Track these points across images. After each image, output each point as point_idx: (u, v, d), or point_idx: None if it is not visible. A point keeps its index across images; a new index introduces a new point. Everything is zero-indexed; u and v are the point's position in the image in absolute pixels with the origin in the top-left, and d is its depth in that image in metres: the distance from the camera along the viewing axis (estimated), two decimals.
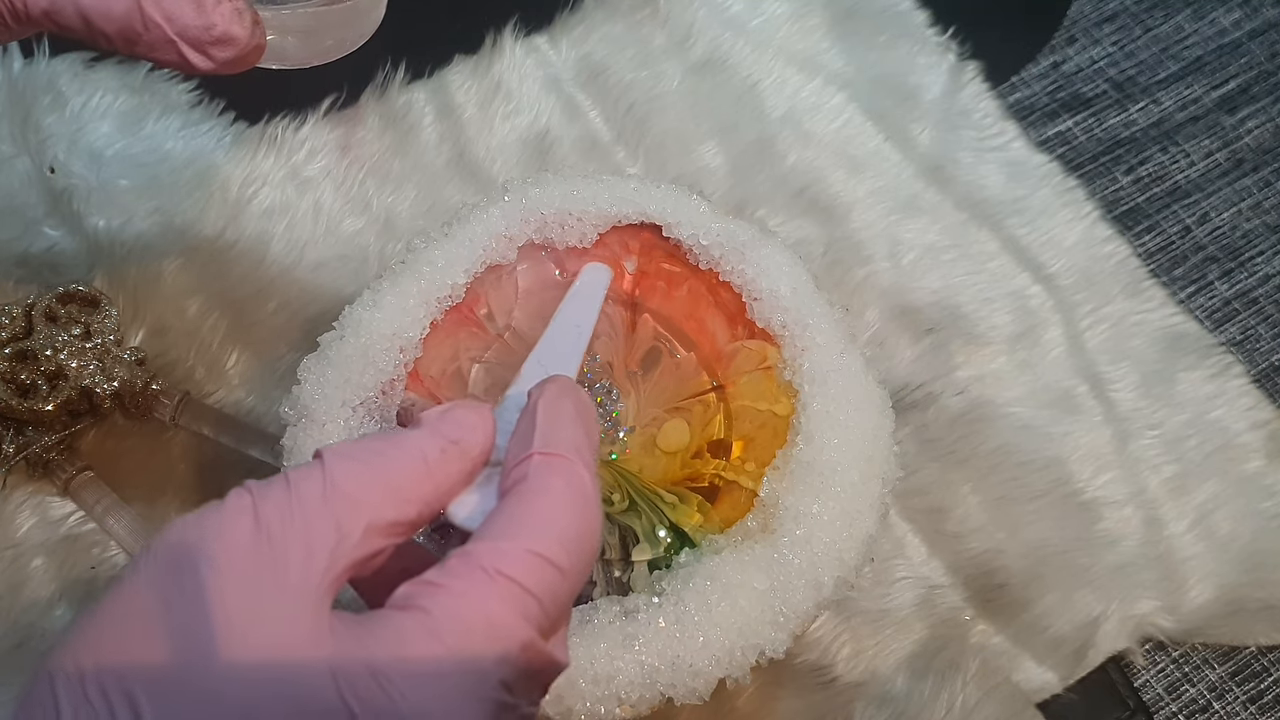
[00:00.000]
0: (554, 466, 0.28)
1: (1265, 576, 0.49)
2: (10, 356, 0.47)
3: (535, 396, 0.30)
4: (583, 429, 0.29)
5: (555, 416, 0.29)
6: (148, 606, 0.24)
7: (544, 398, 0.30)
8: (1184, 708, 0.48)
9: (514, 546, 0.26)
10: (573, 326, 0.38)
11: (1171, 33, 0.62)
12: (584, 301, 0.40)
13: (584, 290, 0.41)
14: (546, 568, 0.26)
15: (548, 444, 0.28)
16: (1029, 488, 0.50)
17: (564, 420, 0.29)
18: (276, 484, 0.26)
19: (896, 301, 0.53)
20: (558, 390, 0.30)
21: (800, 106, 0.58)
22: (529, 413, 0.29)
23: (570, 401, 0.30)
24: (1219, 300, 0.56)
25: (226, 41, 0.34)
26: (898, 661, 0.47)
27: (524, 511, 0.27)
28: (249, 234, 0.53)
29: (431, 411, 0.29)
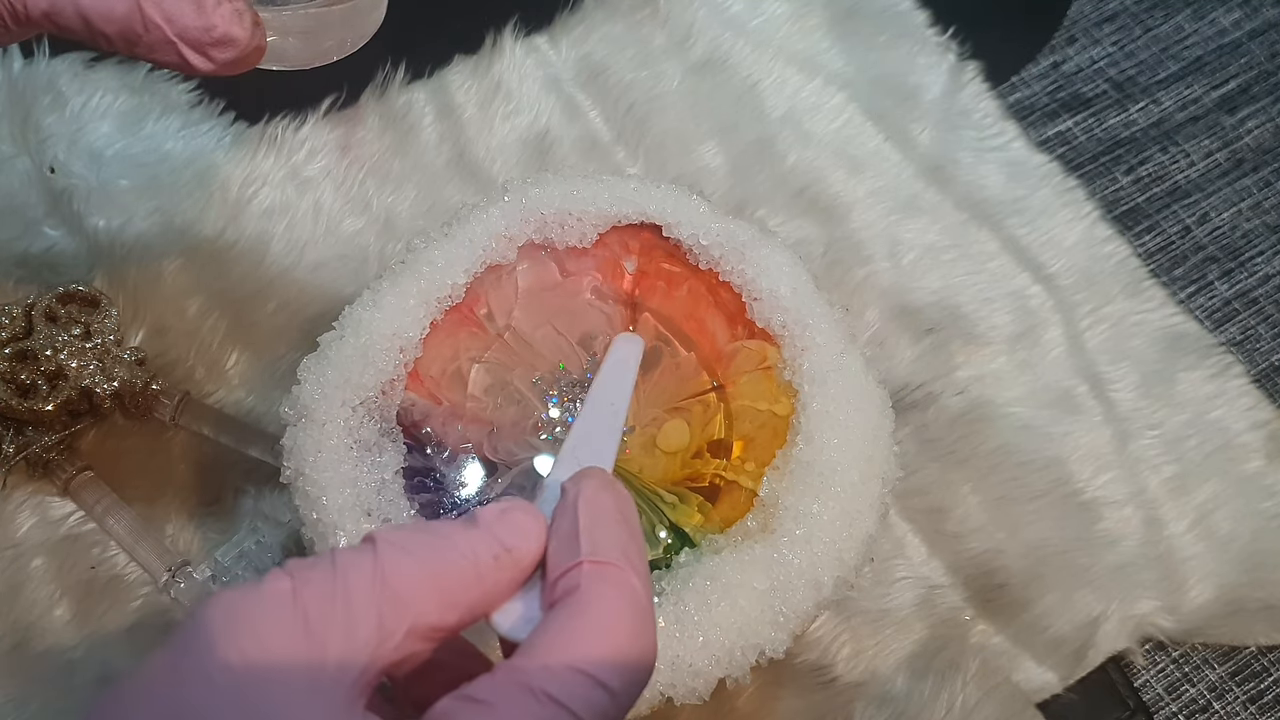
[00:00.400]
0: (606, 576, 0.26)
1: (1265, 576, 0.49)
2: (10, 356, 0.47)
3: (573, 493, 0.28)
4: (628, 530, 0.28)
5: (599, 517, 0.28)
6: (175, 692, 0.23)
7: (583, 495, 0.28)
8: (1184, 708, 0.48)
9: (564, 665, 0.25)
10: (607, 406, 0.36)
11: (1171, 33, 0.62)
12: (618, 379, 0.38)
13: (616, 365, 0.39)
14: (596, 690, 0.25)
15: (596, 550, 0.27)
16: (1029, 488, 0.50)
17: (609, 521, 0.28)
18: (322, 567, 0.25)
19: (896, 301, 0.53)
20: (596, 486, 0.29)
21: (800, 106, 0.58)
22: (568, 511, 0.28)
23: (610, 498, 0.28)
24: (1219, 300, 0.56)
25: (227, 43, 0.34)
26: (898, 661, 0.47)
27: (575, 626, 0.25)
28: (249, 234, 0.53)
29: (489, 511, 0.27)
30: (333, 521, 0.37)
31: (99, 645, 0.46)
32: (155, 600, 0.47)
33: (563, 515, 0.28)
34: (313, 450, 0.38)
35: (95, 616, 0.46)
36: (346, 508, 0.37)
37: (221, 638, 0.24)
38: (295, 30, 0.38)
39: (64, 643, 0.46)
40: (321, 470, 0.38)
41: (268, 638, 0.24)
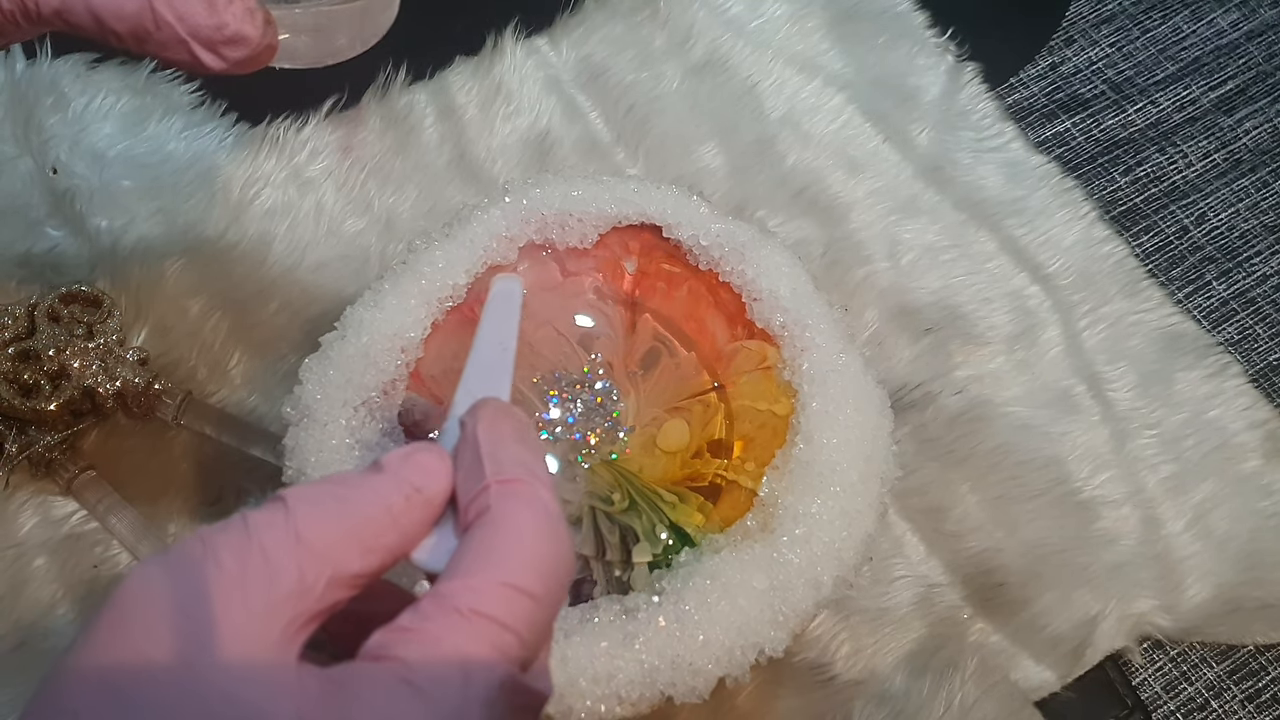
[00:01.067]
0: (513, 492, 0.27)
1: (1263, 575, 0.49)
2: (13, 356, 0.47)
3: (470, 424, 0.29)
4: (528, 447, 0.28)
5: (498, 440, 0.28)
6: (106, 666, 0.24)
7: (481, 423, 0.28)
8: (1181, 706, 0.48)
9: (486, 582, 0.25)
10: (496, 345, 0.36)
11: (1169, 34, 0.62)
12: (501, 318, 0.38)
13: (498, 306, 0.39)
14: (521, 599, 0.25)
15: (500, 470, 0.27)
16: (1027, 487, 0.50)
17: (508, 441, 0.28)
18: (234, 530, 0.25)
19: (895, 301, 0.54)
20: (492, 413, 0.29)
21: (800, 107, 0.58)
22: (469, 442, 0.28)
23: (507, 422, 0.29)
24: (1216, 300, 0.56)
25: (238, 41, 0.34)
26: (896, 660, 0.47)
27: (491, 544, 0.26)
28: (251, 234, 0.53)
29: (394, 456, 0.28)
30: None
31: None
32: None
33: (464, 446, 0.28)
34: (314, 450, 0.38)
35: None
36: None
37: (145, 607, 0.24)
38: (307, 28, 0.38)
39: (66, 642, 0.46)
40: (323, 470, 0.38)
41: (190, 594, 0.24)
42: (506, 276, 0.40)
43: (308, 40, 0.38)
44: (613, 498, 0.41)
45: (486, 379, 0.34)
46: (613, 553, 0.39)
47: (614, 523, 0.40)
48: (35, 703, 0.25)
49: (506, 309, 0.38)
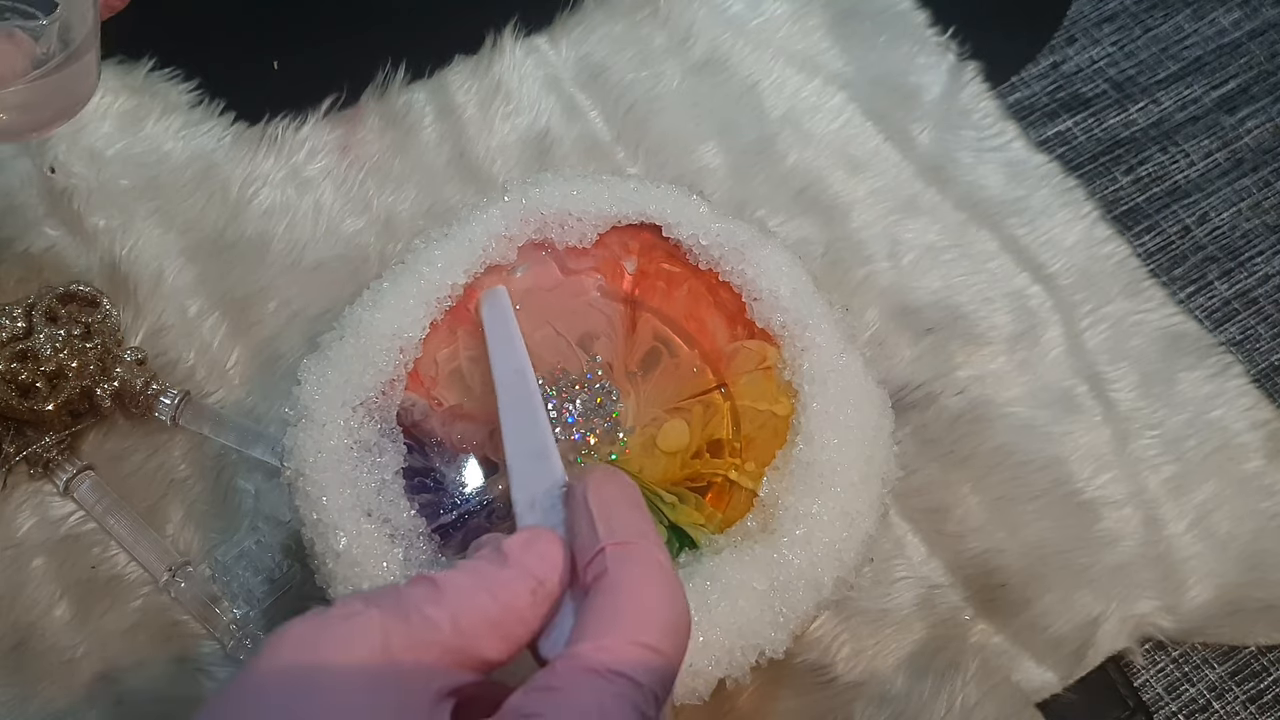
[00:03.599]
0: (629, 554, 0.28)
1: (1265, 576, 0.49)
2: (11, 356, 0.47)
3: (579, 491, 0.30)
4: (639, 511, 0.30)
5: (608, 505, 0.30)
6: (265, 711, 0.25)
7: (590, 490, 0.30)
8: (1184, 707, 0.48)
9: (618, 642, 0.26)
10: (513, 376, 0.38)
11: (1171, 33, 0.62)
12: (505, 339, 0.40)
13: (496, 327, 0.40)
14: (652, 656, 0.27)
15: (614, 534, 0.29)
16: (1029, 487, 0.50)
17: (618, 506, 0.30)
18: (388, 602, 0.27)
19: (896, 301, 0.54)
20: (600, 479, 0.31)
21: (800, 106, 0.58)
22: (580, 508, 0.30)
23: (614, 486, 0.30)
24: (1218, 300, 0.56)
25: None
26: (897, 661, 0.47)
27: (616, 606, 0.27)
28: (249, 234, 0.53)
29: (515, 545, 0.29)
30: (333, 521, 0.37)
31: (99, 645, 0.46)
32: (156, 600, 0.47)
33: (576, 513, 0.30)
34: (313, 450, 0.38)
35: (95, 616, 0.46)
36: (347, 508, 0.37)
37: (312, 657, 0.25)
38: (12, 106, 0.38)
39: (64, 642, 0.46)
40: (322, 470, 0.38)
41: (351, 653, 0.25)
42: (489, 292, 0.41)
43: (16, 116, 0.39)
44: None
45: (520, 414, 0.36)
46: None
47: None
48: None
49: (503, 327, 0.39)
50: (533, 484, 0.34)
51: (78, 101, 0.41)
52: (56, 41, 0.39)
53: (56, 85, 0.39)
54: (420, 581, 0.28)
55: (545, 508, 0.33)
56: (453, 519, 0.39)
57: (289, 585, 0.47)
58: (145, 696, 0.45)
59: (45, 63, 0.38)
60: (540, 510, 0.33)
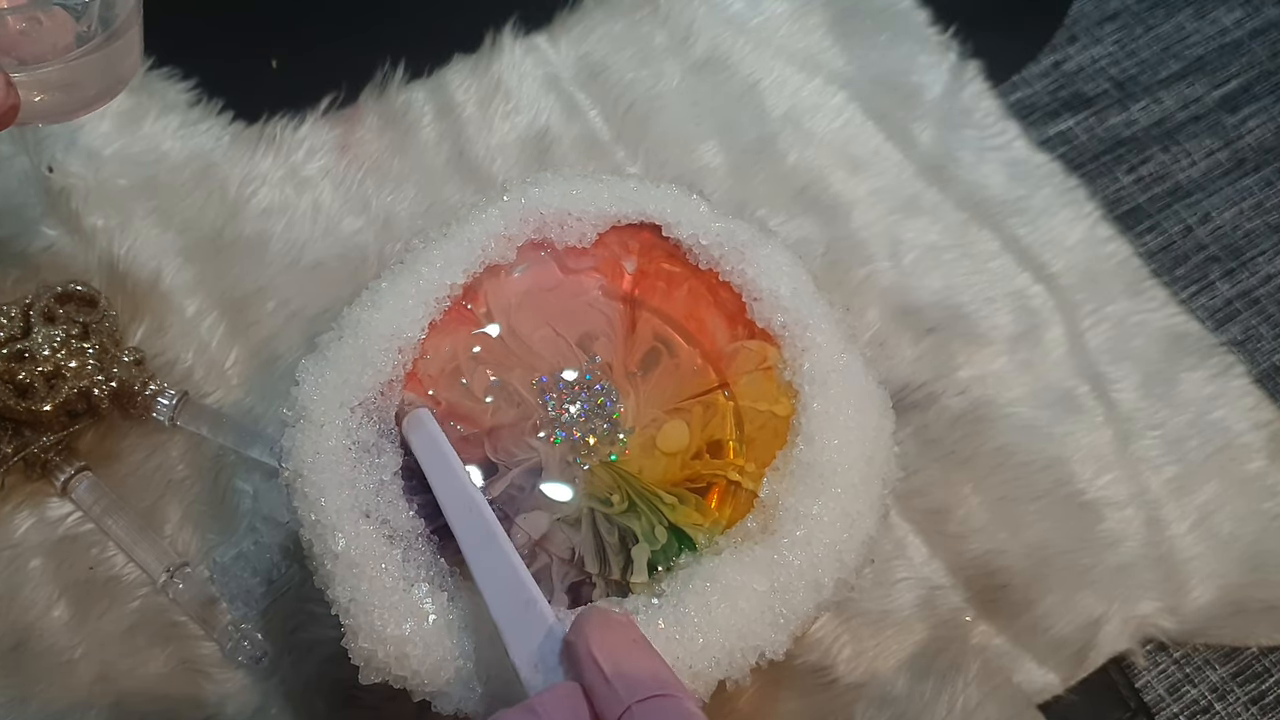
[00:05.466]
0: (658, 708, 0.27)
1: (1267, 577, 0.49)
2: (8, 356, 0.47)
3: (581, 648, 0.29)
4: (647, 652, 0.29)
5: (616, 656, 0.29)
6: None
7: (592, 644, 0.29)
8: (1185, 709, 0.48)
9: None
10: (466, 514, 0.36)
11: (1173, 32, 0.61)
12: (440, 463, 0.38)
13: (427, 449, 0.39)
14: None
15: (634, 689, 0.28)
16: (1030, 488, 0.50)
17: (627, 655, 0.29)
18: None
19: (897, 301, 0.53)
20: (597, 628, 0.29)
21: (800, 106, 0.58)
22: (589, 666, 0.29)
23: (614, 632, 0.29)
24: (1221, 300, 0.55)
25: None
26: (899, 662, 0.47)
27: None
28: (247, 233, 0.53)
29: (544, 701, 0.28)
30: (331, 522, 0.37)
31: (97, 645, 0.46)
32: (154, 601, 0.46)
33: (587, 671, 0.29)
34: (311, 451, 0.38)
35: (93, 617, 0.46)
36: (345, 508, 0.37)
37: None
38: (55, 85, 0.38)
39: (62, 643, 0.46)
40: (320, 471, 0.38)
41: None
42: (412, 416, 0.40)
43: (59, 96, 0.39)
44: (612, 499, 0.40)
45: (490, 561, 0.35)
46: (612, 554, 0.39)
47: (613, 524, 0.40)
48: None
49: (438, 458, 0.38)
50: (528, 638, 0.33)
51: (120, 80, 0.41)
52: (98, 20, 0.38)
53: (99, 63, 0.39)
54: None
55: (550, 666, 0.32)
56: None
57: (287, 586, 0.47)
58: (143, 697, 0.45)
59: (87, 40, 0.38)
60: (545, 670, 0.32)
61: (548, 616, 0.33)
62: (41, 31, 0.37)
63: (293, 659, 0.46)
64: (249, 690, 0.45)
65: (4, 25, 0.36)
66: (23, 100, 0.36)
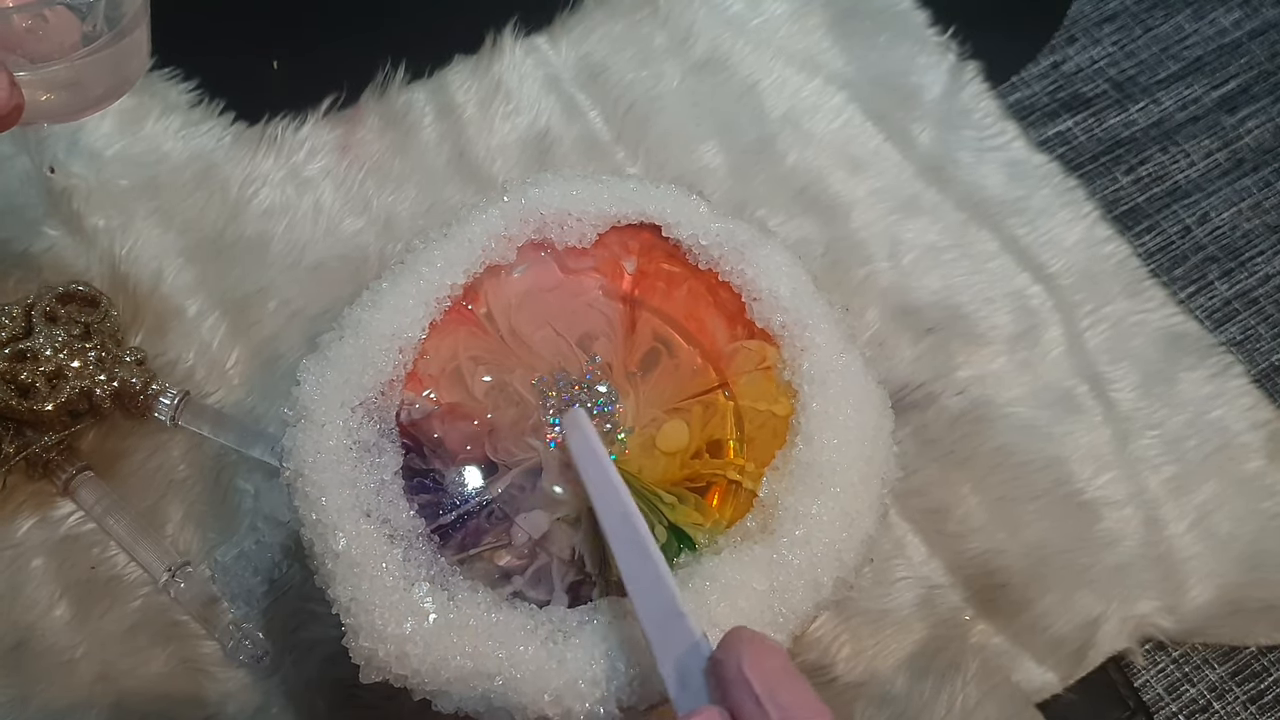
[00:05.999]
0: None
1: (1266, 576, 0.49)
2: (10, 356, 0.47)
3: (734, 663, 0.29)
4: (801, 681, 0.28)
5: (771, 681, 0.28)
6: None
7: (746, 666, 0.28)
8: (1184, 708, 0.48)
9: None
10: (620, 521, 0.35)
11: (1172, 32, 0.61)
12: (601, 477, 0.37)
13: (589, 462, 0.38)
14: None
15: (789, 715, 0.27)
16: (1029, 488, 0.50)
17: (782, 682, 0.28)
18: None
19: (896, 301, 0.53)
20: (754, 649, 0.29)
21: (800, 106, 0.58)
22: (742, 688, 0.28)
23: (770, 657, 0.29)
24: (1219, 300, 0.56)
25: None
26: (898, 662, 0.47)
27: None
28: (249, 234, 0.53)
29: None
30: (332, 522, 0.37)
31: (99, 645, 0.46)
32: (155, 600, 0.47)
33: (739, 692, 0.28)
34: (312, 451, 0.38)
35: (95, 616, 0.46)
36: (346, 508, 0.37)
37: None
38: (61, 84, 0.38)
39: (64, 642, 0.46)
40: (321, 471, 0.38)
41: None
42: (571, 415, 0.40)
43: (66, 95, 0.39)
44: None
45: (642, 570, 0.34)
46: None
47: None
48: None
49: (595, 462, 0.37)
50: (675, 650, 0.32)
51: (126, 80, 0.41)
52: (104, 19, 0.38)
53: (105, 63, 0.39)
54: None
55: (698, 686, 0.31)
56: (452, 519, 0.39)
57: (288, 586, 0.47)
58: (144, 696, 0.45)
59: (94, 40, 0.38)
60: (693, 690, 0.31)
61: (695, 631, 0.32)
62: (48, 30, 0.37)
63: (294, 658, 0.46)
64: (250, 689, 0.45)
65: (10, 23, 0.36)
66: (28, 100, 0.36)
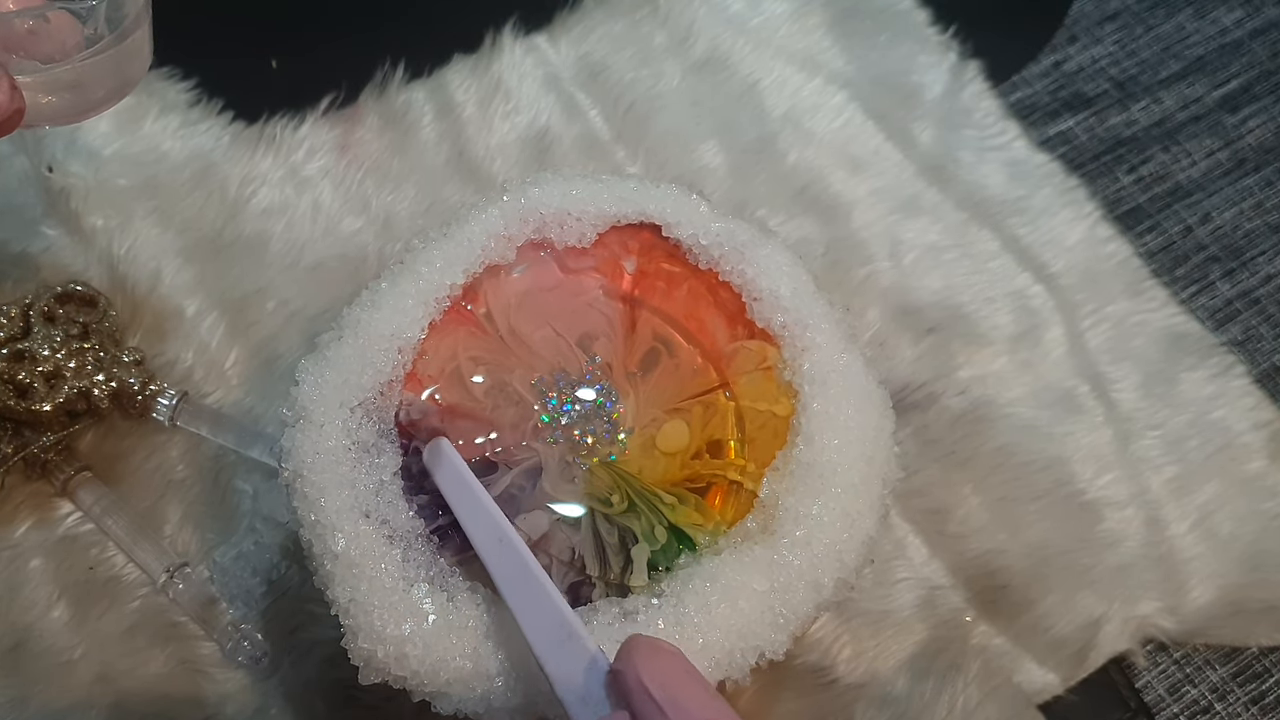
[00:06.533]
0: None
1: (1267, 577, 0.49)
2: (8, 357, 0.47)
3: (631, 673, 0.29)
4: (699, 682, 0.28)
5: (669, 687, 0.28)
6: None
7: (642, 674, 0.28)
8: (1186, 709, 0.48)
9: None
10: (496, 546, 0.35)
11: (1173, 31, 0.61)
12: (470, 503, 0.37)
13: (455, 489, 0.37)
14: None
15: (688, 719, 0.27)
16: (1030, 488, 0.50)
17: (681, 686, 0.28)
18: None
19: (897, 301, 0.53)
20: (645, 657, 0.29)
21: (800, 106, 0.58)
22: (642, 699, 0.28)
23: (664, 661, 0.29)
24: (1221, 300, 0.55)
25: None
26: (899, 663, 0.47)
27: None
28: (247, 234, 0.53)
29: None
30: (331, 523, 0.37)
31: (97, 646, 0.46)
32: (153, 601, 0.46)
33: (640, 704, 0.28)
34: (311, 451, 0.38)
35: (93, 617, 0.46)
36: (345, 509, 0.37)
37: None
38: (62, 87, 0.38)
39: (62, 643, 0.46)
40: (320, 471, 0.38)
41: None
42: (431, 446, 0.39)
43: (68, 97, 0.39)
44: (611, 499, 0.40)
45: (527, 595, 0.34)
46: (612, 555, 0.39)
47: (613, 524, 0.40)
48: None
49: (462, 489, 0.37)
50: (572, 672, 0.32)
51: (128, 82, 0.41)
52: (104, 22, 0.38)
53: (107, 65, 0.39)
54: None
55: (596, 699, 0.31)
56: (451, 520, 0.39)
57: (287, 587, 0.47)
58: (143, 697, 0.45)
59: (95, 42, 0.38)
60: (594, 703, 0.31)
61: (590, 648, 0.32)
62: (49, 32, 0.37)
63: (292, 659, 0.46)
64: (249, 690, 0.45)
65: (11, 26, 0.36)
66: (29, 102, 0.36)
